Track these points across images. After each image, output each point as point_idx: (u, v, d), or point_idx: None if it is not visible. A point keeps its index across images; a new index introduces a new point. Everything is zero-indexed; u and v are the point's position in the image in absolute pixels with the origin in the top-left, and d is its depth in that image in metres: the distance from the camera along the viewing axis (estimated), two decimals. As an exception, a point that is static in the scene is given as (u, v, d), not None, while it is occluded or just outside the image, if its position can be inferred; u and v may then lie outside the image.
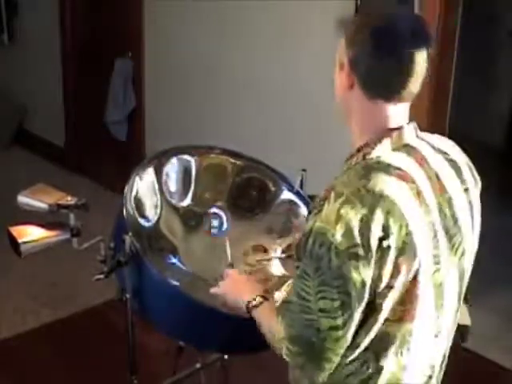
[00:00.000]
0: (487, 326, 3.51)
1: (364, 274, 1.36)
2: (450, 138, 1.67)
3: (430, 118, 3.14)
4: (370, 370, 1.48)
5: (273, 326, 1.56)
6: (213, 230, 2.21)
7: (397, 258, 1.39)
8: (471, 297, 1.85)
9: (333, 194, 1.40)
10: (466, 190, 1.55)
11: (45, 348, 3.38)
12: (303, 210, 2.25)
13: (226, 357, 2.47)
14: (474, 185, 1.59)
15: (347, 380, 1.49)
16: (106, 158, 5.00)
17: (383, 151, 1.46)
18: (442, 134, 1.67)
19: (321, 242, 1.36)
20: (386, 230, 1.37)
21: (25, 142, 5.58)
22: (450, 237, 1.50)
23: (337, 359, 1.45)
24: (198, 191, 2.30)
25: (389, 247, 1.37)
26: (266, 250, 2.23)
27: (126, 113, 4.67)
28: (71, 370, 3.22)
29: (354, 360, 1.47)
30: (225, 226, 2.23)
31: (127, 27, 4.57)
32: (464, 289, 1.59)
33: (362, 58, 1.43)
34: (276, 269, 2.19)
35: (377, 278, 1.38)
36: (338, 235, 1.35)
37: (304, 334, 1.43)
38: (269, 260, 2.19)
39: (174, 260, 2.16)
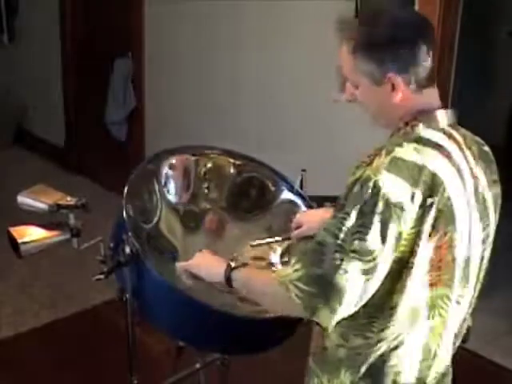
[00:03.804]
0: (488, 326, 3.51)
1: (402, 226, 1.42)
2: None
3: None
4: (402, 337, 1.53)
5: (265, 276, 1.63)
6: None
7: (435, 219, 1.45)
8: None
9: (384, 151, 1.48)
10: (495, 181, 1.65)
11: (45, 348, 3.38)
12: (303, 210, 2.25)
13: (226, 357, 2.47)
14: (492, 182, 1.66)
15: (379, 346, 1.53)
16: (106, 158, 5.00)
17: (422, 130, 1.53)
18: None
19: (368, 187, 1.42)
20: (431, 188, 1.44)
21: (25, 142, 5.58)
22: (481, 218, 1.59)
23: (352, 307, 1.47)
24: (198, 191, 2.30)
25: (431, 205, 1.44)
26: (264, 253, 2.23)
27: (126, 113, 4.67)
28: (71, 370, 3.22)
29: (388, 327, 1.51)
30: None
31: (127, 27, 4.57)
32: (481, 271, 1.67)
33: (404, 68, 1.52)
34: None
35: (416, 235, 1.44)
36: (387, 184, 1.41)
37: (328, 273, 1.44)
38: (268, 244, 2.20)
39: (173, 260, 2.16)
